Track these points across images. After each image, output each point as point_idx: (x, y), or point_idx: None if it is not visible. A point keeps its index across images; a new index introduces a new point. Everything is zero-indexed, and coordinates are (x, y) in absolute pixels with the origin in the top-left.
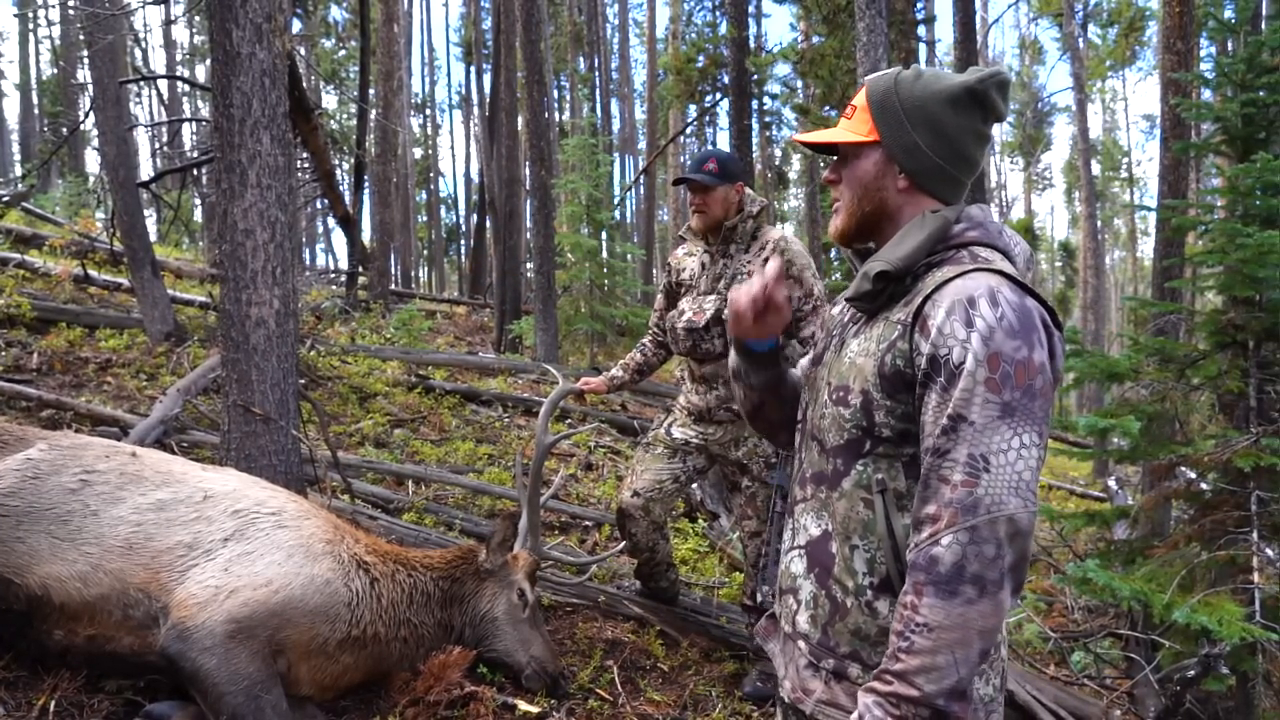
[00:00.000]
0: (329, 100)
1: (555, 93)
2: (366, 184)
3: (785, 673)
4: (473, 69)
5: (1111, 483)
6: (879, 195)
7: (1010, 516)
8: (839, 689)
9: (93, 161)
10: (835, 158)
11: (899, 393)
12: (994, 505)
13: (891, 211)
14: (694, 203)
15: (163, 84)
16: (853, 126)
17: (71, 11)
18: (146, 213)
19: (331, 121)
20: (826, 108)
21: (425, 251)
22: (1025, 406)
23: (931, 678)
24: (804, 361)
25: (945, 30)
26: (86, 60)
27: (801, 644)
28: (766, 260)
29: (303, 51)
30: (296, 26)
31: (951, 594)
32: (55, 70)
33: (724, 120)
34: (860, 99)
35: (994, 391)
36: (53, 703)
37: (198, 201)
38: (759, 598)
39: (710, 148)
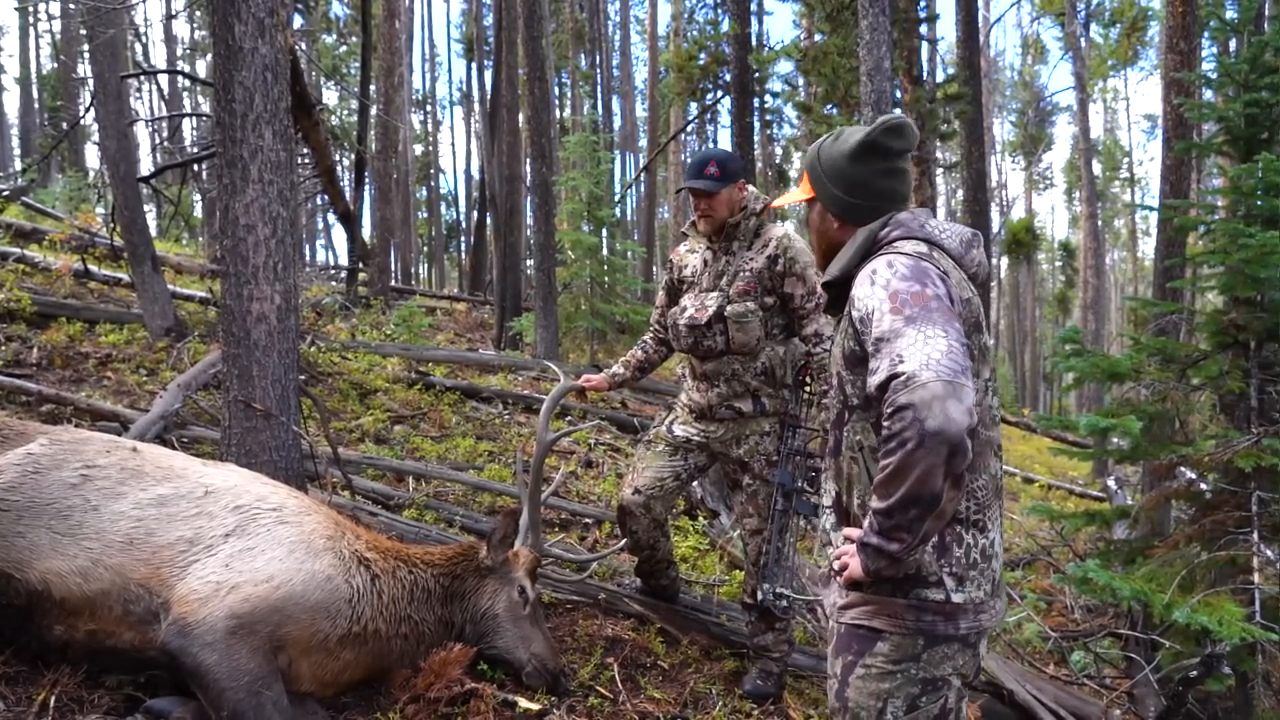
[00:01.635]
0: (330, 96)
1: (556, 90)
2: (367, 180)
3: (829, 600)
4: (474, 65)
5: (1111, 483)
6: (826, 234)
7: (923, 384)
8: (851, 597)
9: (93, 156)
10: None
11: (856, 366)
12: (910, 379)
13: (839, 243)
14: (699, 207)
15: (163, 79)
16: (802, 188)
17: (72, 6)
18: (147, 208)
19: (332, 117)
20: (829, 106)
21: (426, 248)
22: (924, 315)
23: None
24: None
25: (948, 28)
26: (87, 54)
27: (838, 576)
28: (769, 257)
29: (304, 47)
30: (298, 22)
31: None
32: (56, 64)
33: (725, 118)
34: (804, 165)
35: (896, 314)
36: (53, 698)
37: (198, 197)
38: (759, 596)
39: (709, 148)
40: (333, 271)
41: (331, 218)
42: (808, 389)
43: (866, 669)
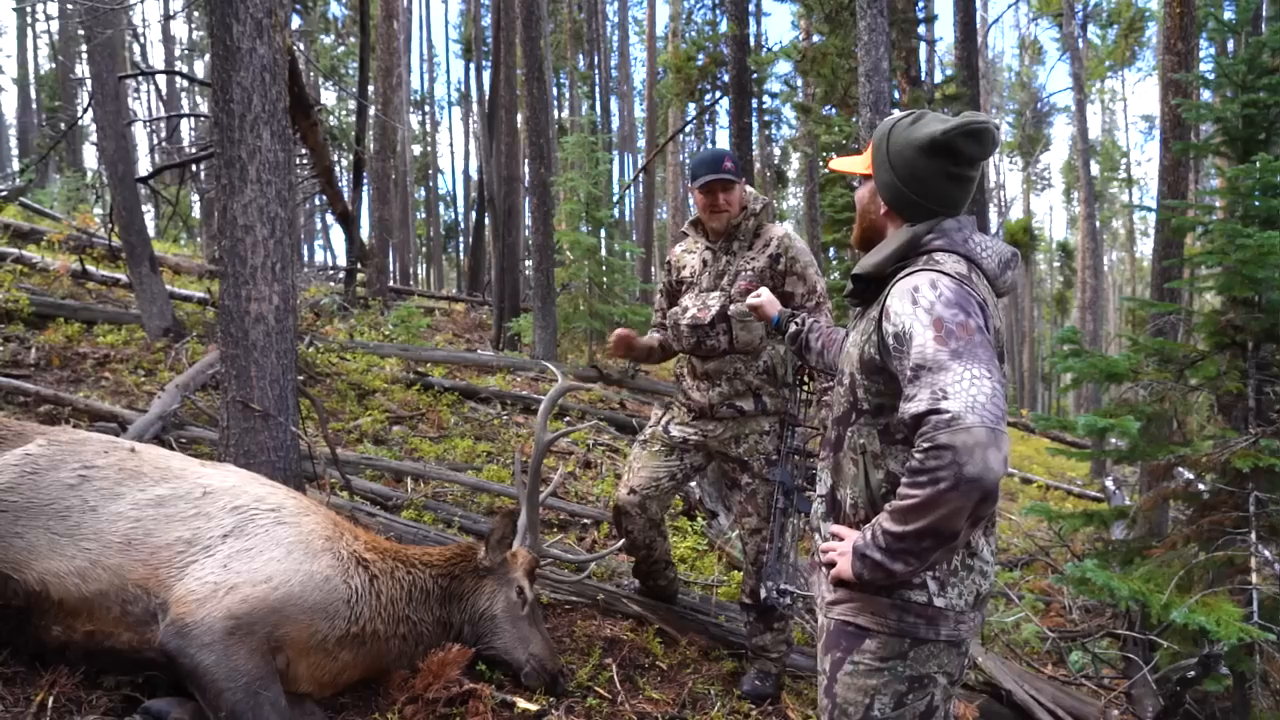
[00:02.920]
0: (328, 96)
1: (555, 90)
2: (365, 180)
3: (818, 593)
4: (472, 66)
5: (1109, 483)
6: (870, 216)
7: (967, 428)
8: (839, 594)
9: (91, 157)
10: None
11: (874, 374)
12: (954, 420)
13: (880, 229)
14: (714, 204)
15: (161, 79)
16: (863, 160)
17: (70, 6)
18: (145, 208)
19: (331, 118)
20: (827, 107)
21: (424, 248)
22: (970, 352)
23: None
24: None
25: (946, 29)
26: (85, 55)
27: (825, 570)
28: (771, 256)
29: (302, 47)
30: (296, 22)
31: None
32: (54, 65)
33: (724, 119)
34: (874, 137)
35: (941, 344)
36: (51, 699)
37: (196, 197)
38: (762, 594)
39: (714, 147)
40: (331, 272)
41: (330, 218)
42: (806, 388)
43: (854, 666)
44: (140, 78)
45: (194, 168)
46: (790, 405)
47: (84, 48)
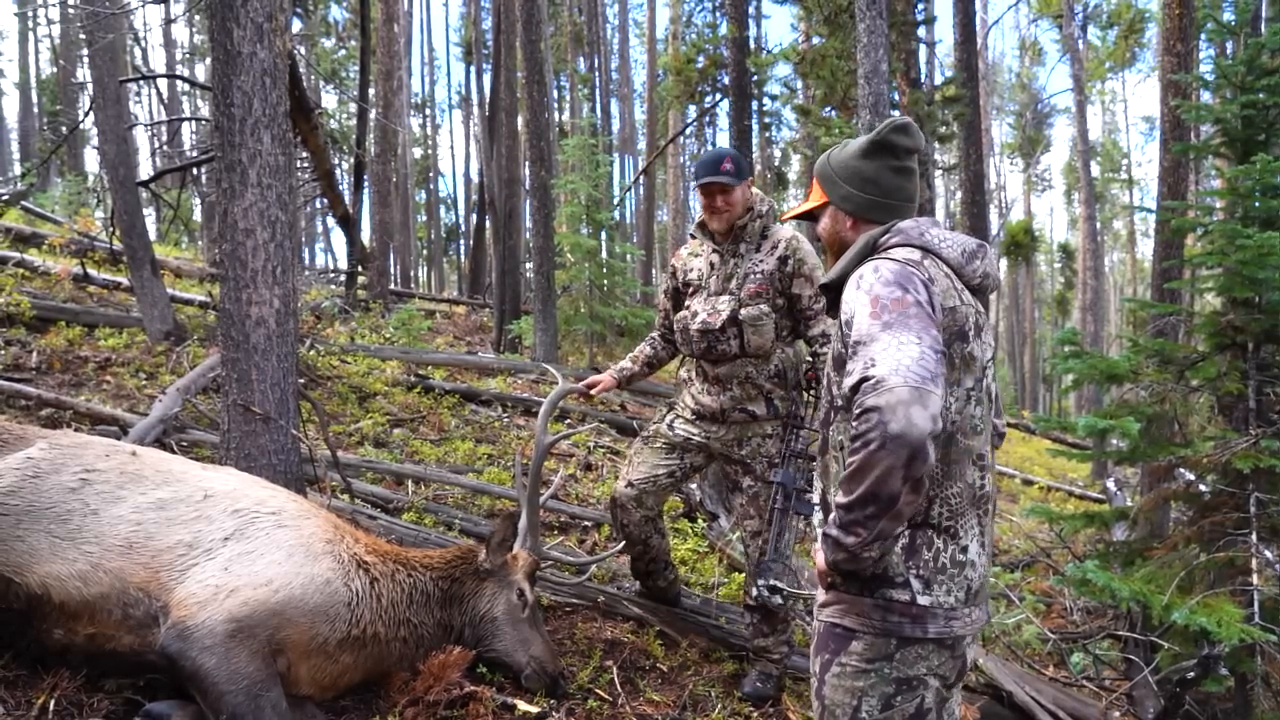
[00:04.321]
0: (329, 100)
1: (555, 93)
2: (366, 183)
3: (818, 595)
4: (473, 69)
5: (1110, 484)
6: (838, 238)
7: (890, 388)
8: (828, 596)
9: (92, 160)
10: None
11: (841, 368)
12: (879, 384)
13: (849, 245)
14: (714, 205)
15: (162, 83)
16: (812, 197)
17: (72, 10)
18: (146, 212)
19: (331, 121)
20: (827, 109)
21: (424, 251)
22: (901, 321)
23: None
24: None
25: (946, 31)
26: (86, 59)
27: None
28: (780, 258)
29: (303, 51)
30: (296, 26)
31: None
32: (55, 69)
33: (724, 121)
34: (815, 175)
35: (875, 319)
36: (52, 701)
37: (197, 201)
38: (755, 591)
39: (719, 147)
40: (332, 275)
41: (330, 221)
42: (812, 391)
43: (841, 667)
44: (141, 82)
45: (195, 171)
46: (795, 408)
47: (85, 52)
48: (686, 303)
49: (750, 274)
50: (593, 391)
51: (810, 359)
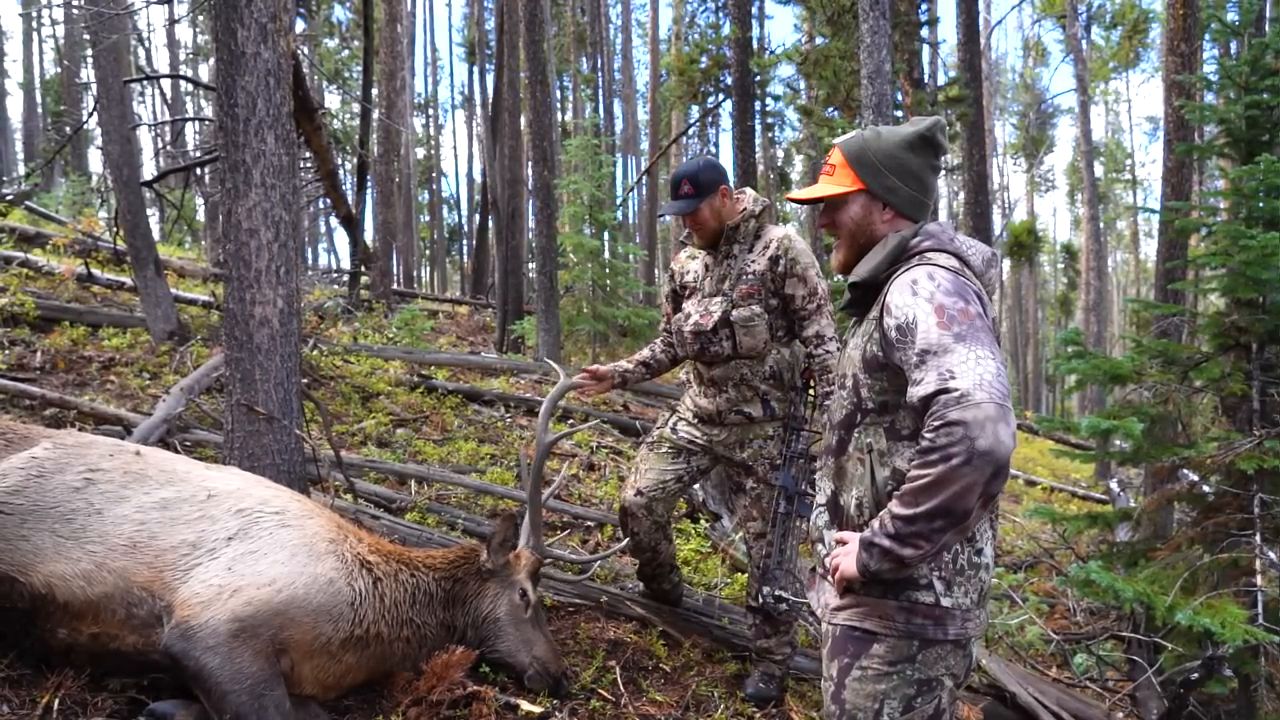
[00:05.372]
0: (332, 100)
1: (558, 93)
2: (369, 184)
3: (818, 604)
4: (476, 69)
5: (1113, 485)
6: (869, 229)
7: (977, 404)
8: (845, 600)
9: (96, 161)
10: (822, 206)
11: (876, 372)
12: (963, 397)
13: (879, 238)
14: (686, 224)
15: (166, 83)
16: (837, 181)
17: (76, 11)
18: (150, 212)
19: (334, 121)
20: (830, 109)
21: (428, 251)
22: (973, 335)
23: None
24: None
25: (949, 31)
26: (90, 59)
27: (829, 578)
28: (771, 258)
29: (306, 51)
30: (300, 26)
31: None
32: (59, 69)
33: (727, 121)
34: (837, 158)
35: (945, 329)
36: (56, 701)
37: (201, 201)
38: (760, 598)
39: (682, 165)
40: (335, 275)
41: (334, 221)
42: (811, 391)
43: (863, 671)
44: (145, 82)
45: (198, 171)
46: (795, 409)
47: (89, 52)
48: (684, 305)
49: (743, 274)
50: (592, 385)
51: (806, 359)
